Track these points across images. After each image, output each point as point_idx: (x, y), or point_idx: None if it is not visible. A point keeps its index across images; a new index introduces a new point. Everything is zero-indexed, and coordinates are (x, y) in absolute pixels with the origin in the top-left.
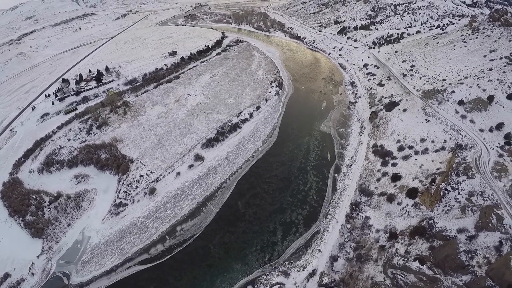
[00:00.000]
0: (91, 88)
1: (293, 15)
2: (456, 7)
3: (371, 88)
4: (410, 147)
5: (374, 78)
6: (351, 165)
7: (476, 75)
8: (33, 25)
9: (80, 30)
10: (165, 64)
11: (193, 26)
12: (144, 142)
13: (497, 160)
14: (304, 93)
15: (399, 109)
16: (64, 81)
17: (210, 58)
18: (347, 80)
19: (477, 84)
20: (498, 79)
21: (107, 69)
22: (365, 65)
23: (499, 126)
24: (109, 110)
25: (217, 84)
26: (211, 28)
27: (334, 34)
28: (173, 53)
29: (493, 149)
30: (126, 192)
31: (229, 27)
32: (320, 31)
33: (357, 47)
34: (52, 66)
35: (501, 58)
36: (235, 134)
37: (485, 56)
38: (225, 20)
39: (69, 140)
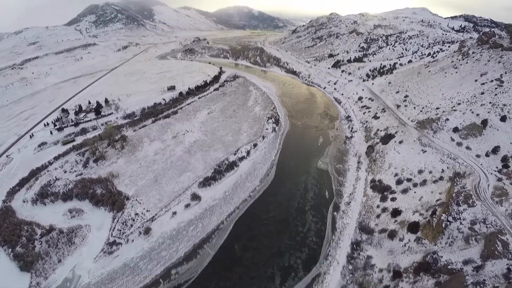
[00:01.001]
0: (90, 120)
1: (289, 49)
2: (445, 34)
3: (366, 122)
4: (408, 180)
5: (369, 111)
6: (350, 202)
7: (468, 101)
8: (36, 51)
9: (81, 60)
10: (164, 99)
11: (191, 60)
12: (141, 179)
13: (497, 185)
14: (300, 129)
15: (395, 141)
16: (63, 111)
17: (208, 94)
18: (342, 115)
19: (470, 110)
20: (490, 102)
21: (106, 101)
22: (360, 98)
23: (495, 150)
24: (106, 143)
25: (214, 120)
26: (209, 63)
27: (329, 68)
28: (172, 88)
29: (491, 174)
30: (120, 230)
31: (226, 62)
32: (315, 65)
33: (351, 80)
34: (52, 95)
35: (492, 81)
36: (232, 172)
37: (476, 81)
38: (222, 55)
39: (65, 172)
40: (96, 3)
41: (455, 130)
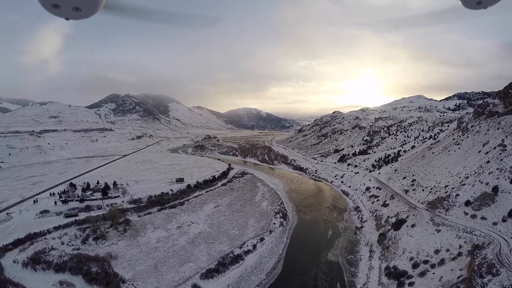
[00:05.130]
0: (96, 199)
1: (295, 147)
2: (443, 115)
3: (376, 210)
4: (425, 262)
5: (378, 200)
6: None
7: (476, 172)
8: (56, 125)
9: (97, 142)
10: (171, 190)
11: (201, 156)
12: (140, 264)
13: None
14: (309, 223)
15: (407, 226)
16: (71, 185)
17: (215, 188)
18: (351, 206)
19: (479, 180)
20: (497, 168)
21: (115, 184)
22: (367, 189)
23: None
24: (109, 224)
25: (221, 214)
26: (218, 159)
27: (335, 163)
28: (180, 180)
29: None
30: None
31: (235, 159)
32: (321, 161)
33: (357, 172)
34: (63, 168)
35: (495, 148)
36: (237, 265)
37: (479, 151)
38: (231, 153)
39: (63, 243)
40: (117, 93)
41: (467, 203)
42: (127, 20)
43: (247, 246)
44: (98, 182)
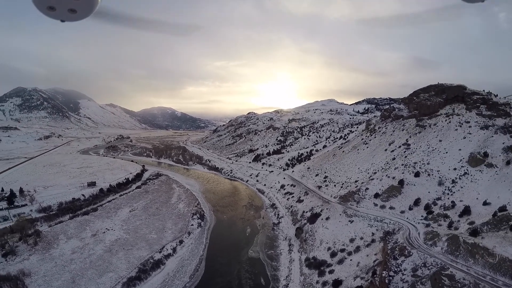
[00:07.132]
0: (1, 209)
1: (210, 147)
2: (353, 117)
3: (291, 206)
4: (342, 250)
5: (293, 196)
6: (288, 284)
7: (383, 168)
8: None
9: (0, 143)
10: (83, 195)
11: (114, 157)
12: (56, 280)
13: (426, 230)
14: (227, 223)
15: (322, 219)
16: None
17: (129, 192)
18: (267, 204)
19: (386, 175)
20: (402, 164)
21: (21, 191)
22: (282, 186)
23: (417, 202)
24: (18, 237)
25: (137, 218)
26: (132, 161)
27: (250, 162)
28: (92, 184)
29: (419, 223)
30: None
31: (149, 160)
32: (236, 160)
33: (272, 171)
34: None
35: (399, 147)
36: (159, 271)
37: (386, 150)
38: (145, 153)
39: None
40: (24, 86)
41: (376, 196)
42: (117, 27)
43: (167, 249)
44: (2, 190)
